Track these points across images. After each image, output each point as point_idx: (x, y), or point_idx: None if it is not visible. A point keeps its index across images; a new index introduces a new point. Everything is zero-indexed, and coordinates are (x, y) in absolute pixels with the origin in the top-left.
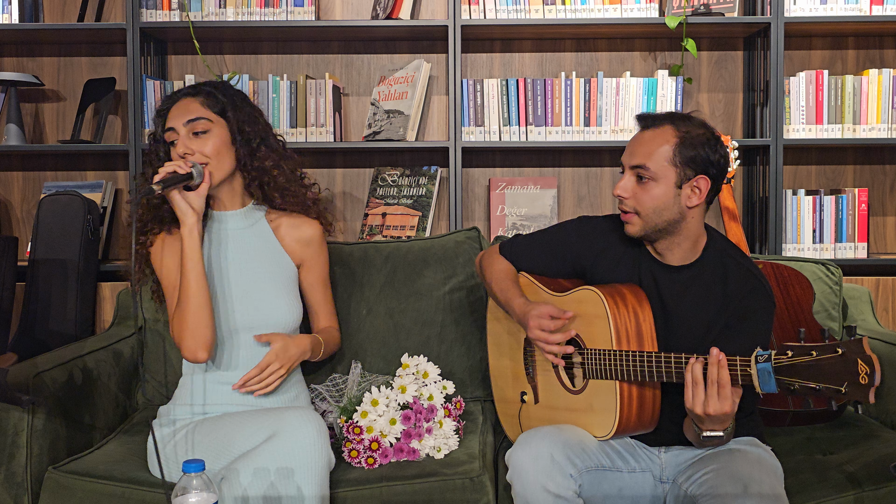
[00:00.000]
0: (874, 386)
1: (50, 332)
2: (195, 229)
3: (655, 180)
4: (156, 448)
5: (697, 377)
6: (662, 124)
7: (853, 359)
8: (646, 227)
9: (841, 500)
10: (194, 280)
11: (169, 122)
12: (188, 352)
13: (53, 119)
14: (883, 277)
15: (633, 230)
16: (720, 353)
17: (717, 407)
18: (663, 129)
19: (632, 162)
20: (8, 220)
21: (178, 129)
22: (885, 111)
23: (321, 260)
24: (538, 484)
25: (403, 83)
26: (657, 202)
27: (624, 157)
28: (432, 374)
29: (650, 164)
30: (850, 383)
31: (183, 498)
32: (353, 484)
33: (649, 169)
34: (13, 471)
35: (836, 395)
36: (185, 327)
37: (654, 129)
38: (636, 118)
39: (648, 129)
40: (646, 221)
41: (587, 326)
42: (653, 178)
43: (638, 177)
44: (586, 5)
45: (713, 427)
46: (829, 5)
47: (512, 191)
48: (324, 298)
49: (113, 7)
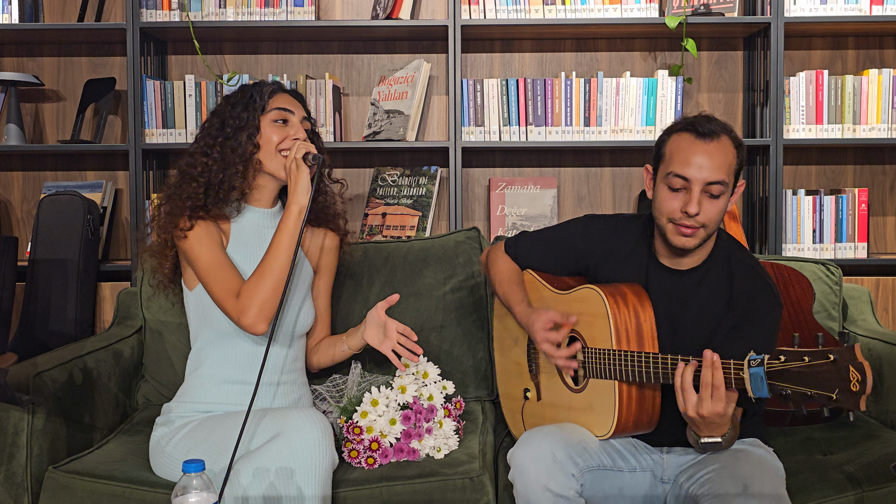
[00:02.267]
0: (865, 394)
1: (50, 332)
2: (307, 209)
3: (725, 193)
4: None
5: (687, 383)
6: (720, 135)
7: (845, 366)
8: (703, 239)
9: (841, 500)
10: (286, 258)
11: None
12: (251, 318)
13: (53, 119)
14: (883, 277)
15: (692, 243)
16: (714, 354)
17: (710, 408)
18: (723, 141)
19: (710, 178)
20: (8, 220)
21: (296, 115)
22: (885, 111)
23: (331, 268)
24: (540, 483)
25: (403, 83)
26: (721, 214)
27: (692, 172)
28: (432, 374)
29: (726, 179)
30: (841, 390)
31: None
32: (354, 484)
33: (726, 183)
34: (13, 471)
35: (828, 401)
36: (258, 296)
37: (717, 141)
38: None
39: (710, 140)
40: (707, 233)
41: (588, 325)
42: (724, 193)
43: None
44: (586, 5)
45: (710, 432)
46: (829, 5)
47: (512, 191)
48: (327, 307)
49: (113, 7)
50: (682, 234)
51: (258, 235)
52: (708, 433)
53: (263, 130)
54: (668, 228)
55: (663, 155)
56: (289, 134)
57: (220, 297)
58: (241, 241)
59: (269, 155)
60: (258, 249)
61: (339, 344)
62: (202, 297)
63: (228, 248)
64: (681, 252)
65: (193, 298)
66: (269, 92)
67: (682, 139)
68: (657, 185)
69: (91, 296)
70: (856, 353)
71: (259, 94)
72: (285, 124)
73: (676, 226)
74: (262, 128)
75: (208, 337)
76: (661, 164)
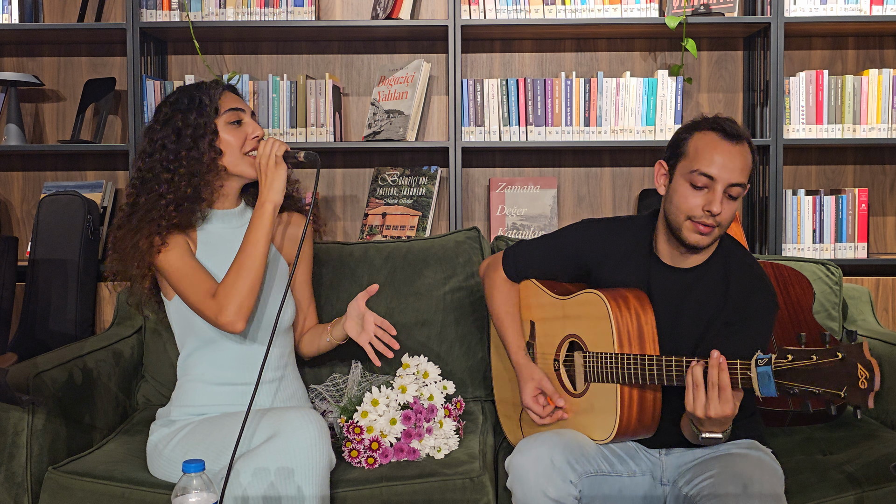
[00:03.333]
0: (873, 391)
1: (50, 332)
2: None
3: (741, 196)
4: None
5: (698, 380)
6: (744, 139)
7: (853, 363)
8: (716, 239)
9: (841, 500)
10: (262, 255)
11: (236, 104)
12: (230, 317)
13: (53, 119)
14: (883, 277)
15: (706, 241)
16: (720, 355)
17: (717, 410)
18: (745, 145)
19: (734, 179)
20: (8, 220)
21: (247, 113)
22: (885, 111)
23: (308, 257)
24: (539, 489)
25: (403, 83)
26: (734, 215)
27: (718, 172)
28: (432, 374)
29: (746, 182)
30: (849, 387)
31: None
32: (354, 484)
33: (746, 188)
34: (13, 471)
35: (836, 399)
36: (236, 294)
37: (742, 144)
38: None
39: (737, 143)
40: (720, 233)
41: (589, 329)
42: (741, 195)
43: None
44: (586, 5)
45: (712, 429)
46: (829, 5)
47: (512, 191)
48: (309, 296)
49: (113, 7)
50: (699, 233)
51: (226, 238)
52: (710, 429)
53: (222, 134)
54: (686, 225)
55: (686, 152)
56: (247, 133)
57: (195, 300)
58: (209, 245)
59: (235, 158)
60: (229, 251)
61: (324, 334)
62: (181, 306)
63: (198, 254)
64: (693, 250)
65: (174, 308)
66: (219, 93)
67: (709, 137)
68: (675, 182)
69: (91, 296)
70: (864, 351)
71: (208, 96)
72: (240, 125)
73: (695, 223)
74: (220, 131)
75: (194, 344)
76: (681, 160)
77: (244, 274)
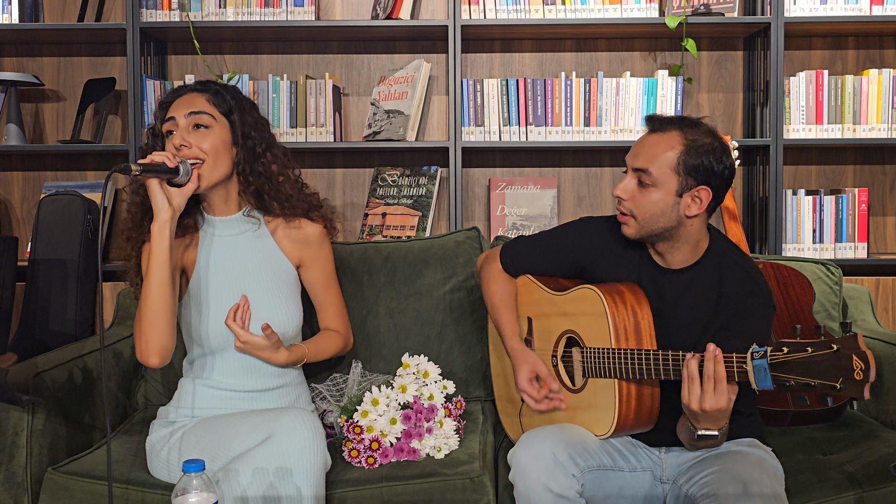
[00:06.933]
0: (869, 382)
1: (50, 332)
2: (167, 227)
3: (656, 186)
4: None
5: (693, 373)
6: (670, 129)
7: (848, 354)
8: (641, 231)
9: (841, 500)
10: (156, 283)
11: (170, 113)
12: (139, 355)
13: (53, 119)
14: (883, 277)
15: (628, 232)
16: (716, 348)
17: (712, 403)
18: (670, 135)
19: (635, 164)
20: (8, 220)
21: (178, 120)
22: (885, 111)
23: (321, 258)
24: (541, 483)
25: (403, 83)
26: (654, 208)
27: (628, 158)
28: (433, 374)
29: (652, 169)
30: (845, 379)
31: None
32: (354, 484)
33: (651, 174)
34: (13, 471)
35: (832, 391)
36: (140, 331)
37: (662, 133)
38: (646, 119)
39: (656, 132)
40: (641, 225)
41: (586, 325)
42: (653, 184)
43: (639, 180)
44: (586, 5)
45: (708, 426)
46: (829, 5)
47: (512, 191)
48: (325, 298)
49: (113, 7)
50: (619, 221)
51: (223, 245)
52: (705, 426)
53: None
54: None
55: None
56: (173, 147)
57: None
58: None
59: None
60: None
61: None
62: (185, 313)
63: (197, 264)
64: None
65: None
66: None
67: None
68: None
69: (91, 296)
70: (858, 342)
71: (162, 115)
72: (171, 136)
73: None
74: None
75: (197, 351)
76: None
77: (143, 309)
